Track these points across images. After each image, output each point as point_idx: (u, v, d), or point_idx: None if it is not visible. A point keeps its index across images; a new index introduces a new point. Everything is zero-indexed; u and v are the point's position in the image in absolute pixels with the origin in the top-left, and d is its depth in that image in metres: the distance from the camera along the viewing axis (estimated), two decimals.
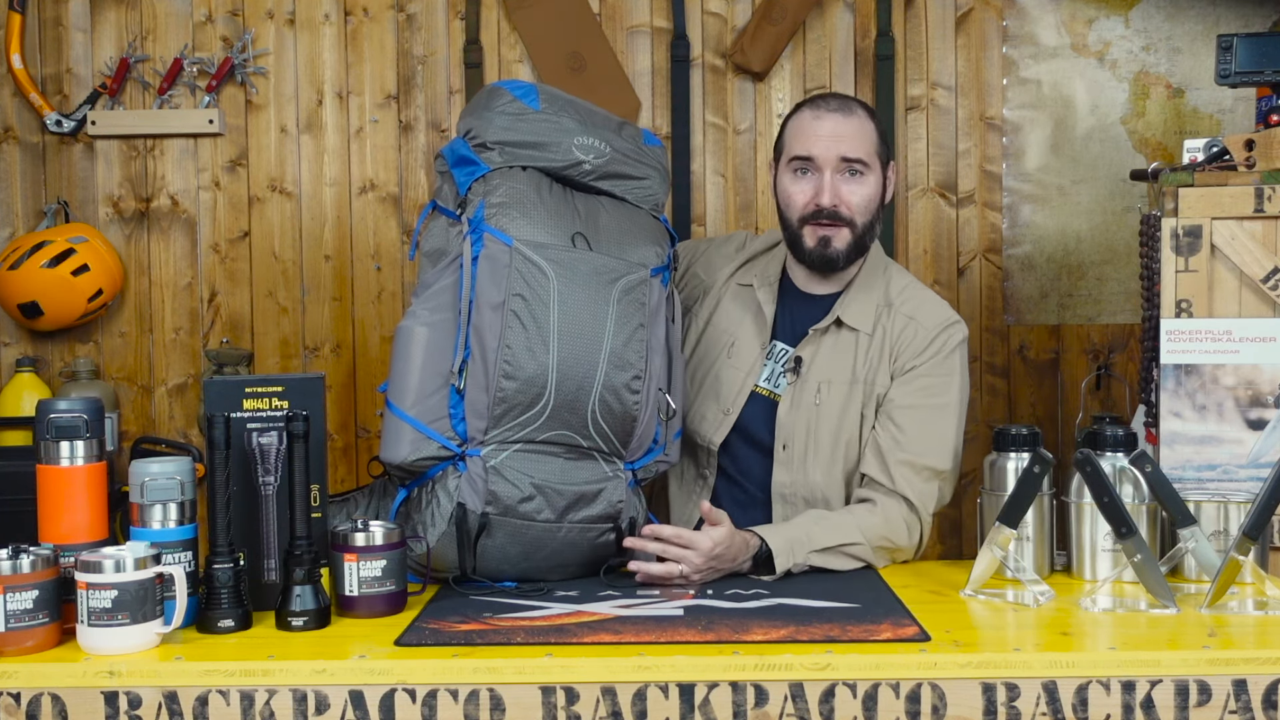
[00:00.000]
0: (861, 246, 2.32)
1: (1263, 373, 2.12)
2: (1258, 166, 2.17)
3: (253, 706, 1.66)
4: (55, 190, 3.12)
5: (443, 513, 2.04)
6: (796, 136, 2.32)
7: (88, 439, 1.82)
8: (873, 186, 2.30)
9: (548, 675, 1.66)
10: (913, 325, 2.30)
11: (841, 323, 2.32)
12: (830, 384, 2.30)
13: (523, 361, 2.03)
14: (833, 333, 2.32)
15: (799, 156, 2.30)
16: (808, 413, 2.30)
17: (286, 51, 3.12)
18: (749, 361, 2.36)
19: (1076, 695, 1.66)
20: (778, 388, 2.34)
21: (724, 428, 2.35)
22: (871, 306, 2.32)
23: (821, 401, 2.30)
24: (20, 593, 1.70)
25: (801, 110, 2.35)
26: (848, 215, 2.28)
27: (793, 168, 2.31)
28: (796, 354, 2.33)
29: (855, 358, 2.30)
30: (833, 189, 2.27)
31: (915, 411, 2.26)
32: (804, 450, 2.30)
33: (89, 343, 3.14)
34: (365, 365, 3.15)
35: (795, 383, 2.32)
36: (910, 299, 2.33)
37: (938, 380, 2.28)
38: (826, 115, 2.30)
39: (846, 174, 2.28)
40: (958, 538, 3.15)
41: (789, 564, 2.11)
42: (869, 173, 2.29)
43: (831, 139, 2.27)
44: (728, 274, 2.46)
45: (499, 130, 2.14)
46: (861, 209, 2.29)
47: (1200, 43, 3.07)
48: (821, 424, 2.29)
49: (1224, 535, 2.10)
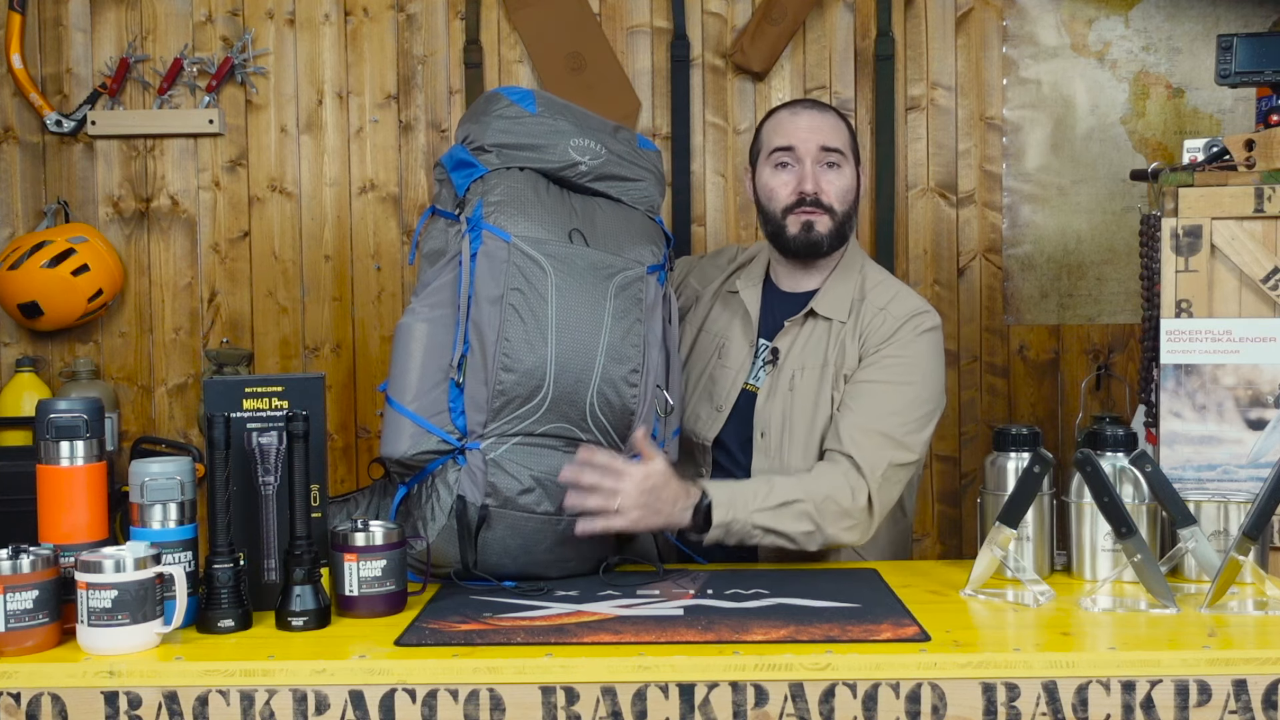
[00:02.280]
0: (841, 235, 2.39)
1: (1263, 373, 2.12)
2: (1258, 166, 2.17)
3: (253, 706, 1.66)
4: (55, 190, 3.12)
5: (443, 506, 2.05)
6: (776, 131, 2.40)
7: (88, 439, 1.82)
8: (849, 178, 2.39)
9: (548, 675, 1.66)
10: (882, 314, 2.35)
11: (815, 313, 2.37)
12: (803, 370, 2.34)
13: (521, 354, 2.04)
14: (809, 324, 2.38)
15: (780, 148, 2.37)
16: (783, 400, 2.34)
17: (286, 51, 3.12)
18: (739, 360, 2.41)
19: (1076, 695, 1.66)
20: (759, 380, 2.39)
21: (717, 424, 2.39)
22: (846, 298, 2.38)
23: (795, 388, 2.34)
24: (20, 593, 1.69)
25: (777, 111, 2.46)
26: (828, 202, 2.35)
27: (773, 162, 2.38)
28: (773, 345, 2.38)
29: (828, 344, 2.35)
30: (814, 176, 2.35)
31: (874, 385, 2.29)
32: (780, 436, 2.33)
33: (89, 343, 3.14)
34: (365, 365, 3.15)
35: (772, 373, 2.36)
36: (884, 292, 2.39)
37: (902, 361, 2.31)
38: (803, 111, 2.40)
39: (825, 165, 2.36)
40: (958, 538, 3.15)
41: (728, 516, 2.10)
42: (845, 164, 2.38)
43: (810, 130, 2.36)
44: (719, 283, 2.53)
45: (496, 133, 2.17)
46: (840, 198, 2.37)
47: (1200, 43, 3.07)
48: (796, 410, 2.33)
49: (1224, 535, 2.10)
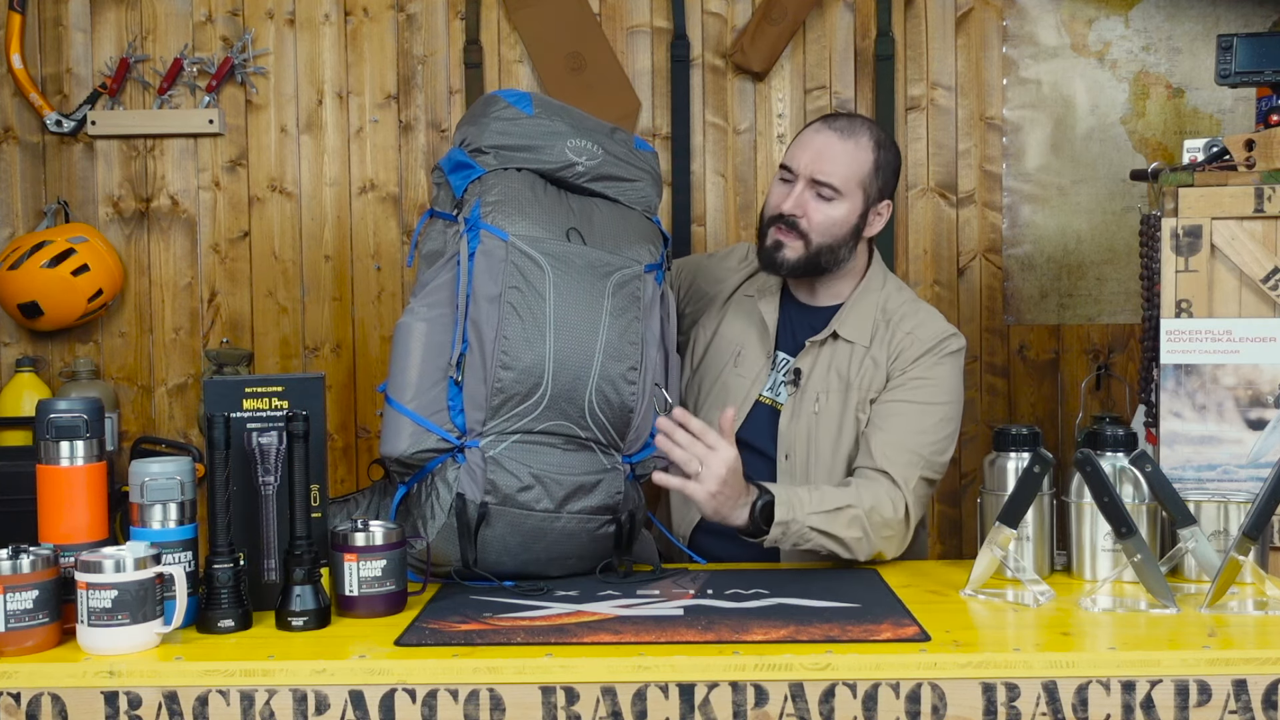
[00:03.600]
0: (815, 265, 2.34)
1: (1263, 373, 2.12)
2: (1258, 166, 2.17)
3: (253, 706, 1.66)
4: (55, 190, 3.12)
5: (442, 504, 2.05)
6: (794, 144, 2.39)
7: (88, 439, 1.82)
8: (842, 212, 2.33)
9: (548, 675, 1.66)
10: (910, 338, 2.33)
11: (838, 335, 2.35)
12: (828, 393, 2.33)
13: (520, 352, 2.04)
14: (830, 344, 2.36)
15: (784, 165, 2.37)
16: (807, 422, 2.33)
17: (286, 51, 3.12)
18: (754, 370, 2.40)
19: (1076, 695, 1.66)
20: (779, 397, 2.38)
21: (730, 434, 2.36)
22: (869, 320, 2.36)
23: (819, 410, 2.33)
24: (20, 593, 1.69)
25: (815, 121, 2.41)
26: (805, 229, 2.32)
27: (780, 175, 2.39)
28: (796, 365, 2.36)
29: (851, 366, 2.33)
30: (798, 199, 2.32)
31: (902, 406, 2.28)
32: (805, 459, 2.32)
33: (89, 343, 3.14)
34: (365, 365, 3.15)
35: (795, 394, 2.35)
36: (909, 315, 2.36)
37: (929, 383, 2.30)
38: (825, 131, 2.35)
39: (816, 195, 2.32)
40: (958, 538, 3.15)
41: (788, 516, 2.08)
42: (839, 200, 2.32)
43: (813, 155, 2.33)
44: (734, 285, 2.51)
45: (494, 135, 2.18)
46: (821, 229, 2.32)
47: (1200, 43, 3.07)
48: (820, 433, 2.32)
49: (1224, 535, 2.09)
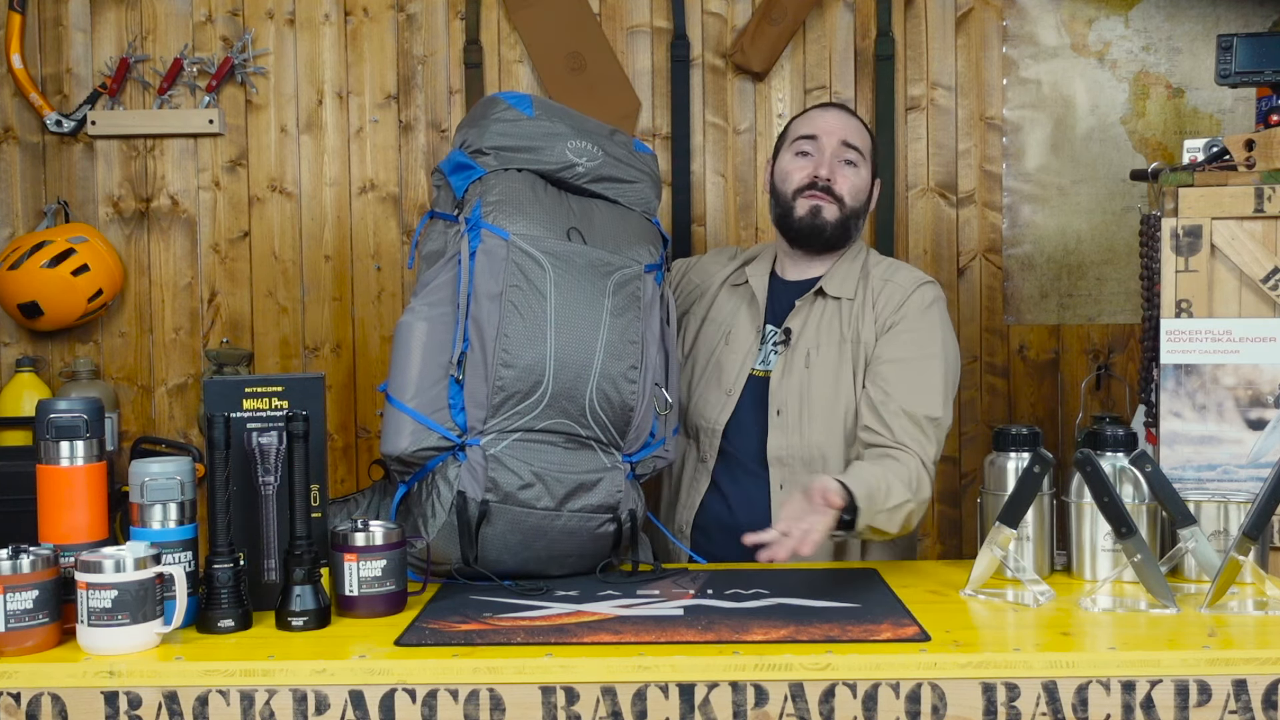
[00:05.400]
0: (846, 230, 2.42)
1: (1263, 373, 2.12)
2: (1258, 166, 2.17)
3: (253, 706, 1.66)
4: (55, 190, 3.12)
5: (443, 502, 2.05)
6: (802, 124, 2.47)
7: (88, 439, 1.82)
8: (864, 179, 2.44)
9: (548, 675, 1.66)
10: (889, 285, 2.39)
11: (824, 293, 2.40)
12: (819, 348, 2.37)
13: (520, 350, 2.05)
14: (819, 303, 2.41)
15: (804, 136, 2.43)
16: (799, 377, 2.36)
17: (286, 51, 3.12)
18: (745, 345, 2.43)
19: (1076, 695, 1.66)
20: (770, 366, 2.41)
21: (727, 409, 2.40)
22: (852, 277, 2.42)
23: (812, 365, 2.36)
24: (20, 593, 1.69)
25: (808, 109, 2.54)
26: (840, 192, 2.40)
27: (795, 149, 2.44)
28: (785, 326, 2.40)
29: (840, 321, 2.38)
30: (831, 165, 2.40)
31: (901, 364, 2.31)
32: (799, 413, 2.35)
33: (89, 343, 3.14)
34: (365, 365, 3.15)
35: (785, 353, 2.38)
36: (887, 267, 2.44)
37: (920, 333, 2.33)
38: (831, 110, 2.49)
39: (843, 161, 2.41)
40: (958, 538, 3.15)
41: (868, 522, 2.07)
42: (862, 166, 2.43)
43: (835, 125, 2.43)
44: (723, 277, 2.55)
45: (494, 136, 2.19)
46: (852, 193, 2.41)
47: (1200, 43, 3.07)
48: (814, 387, 2.35)
49: (1224, 535, 2.10)
